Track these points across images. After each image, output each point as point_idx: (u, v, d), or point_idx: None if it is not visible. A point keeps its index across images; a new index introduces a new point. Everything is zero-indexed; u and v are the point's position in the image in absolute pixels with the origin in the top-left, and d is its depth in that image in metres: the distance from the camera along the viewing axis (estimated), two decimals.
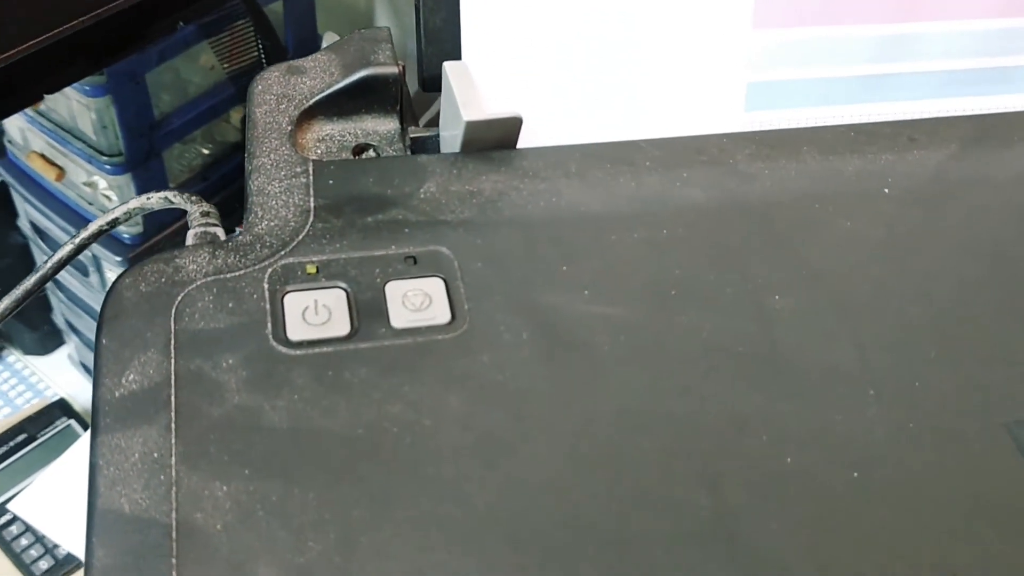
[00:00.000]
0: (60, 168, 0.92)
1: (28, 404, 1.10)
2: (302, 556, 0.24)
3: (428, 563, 0.25)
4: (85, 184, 0.91)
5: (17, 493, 0.90)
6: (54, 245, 0.97)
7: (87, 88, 0.82)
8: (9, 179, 0.98)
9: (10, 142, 0.98)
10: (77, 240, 0.38)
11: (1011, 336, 0.31)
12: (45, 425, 1.01)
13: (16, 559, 0.87)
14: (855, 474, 0.27)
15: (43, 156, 0.93)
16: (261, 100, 0.36)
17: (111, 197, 0.90)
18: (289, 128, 0.35)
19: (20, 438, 0.99)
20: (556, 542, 0.25)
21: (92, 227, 0.38)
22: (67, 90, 0.84)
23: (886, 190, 0.35)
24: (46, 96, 0.85)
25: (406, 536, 0.25)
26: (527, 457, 0.27)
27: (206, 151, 0.95)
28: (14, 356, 1.17)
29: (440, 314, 0.30)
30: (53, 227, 0.96)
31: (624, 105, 0.38)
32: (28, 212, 0.99)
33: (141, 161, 0.88)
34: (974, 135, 0.38)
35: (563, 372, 0.29)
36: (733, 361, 0.30)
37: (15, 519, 0.90)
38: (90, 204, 0.92)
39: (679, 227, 0.33)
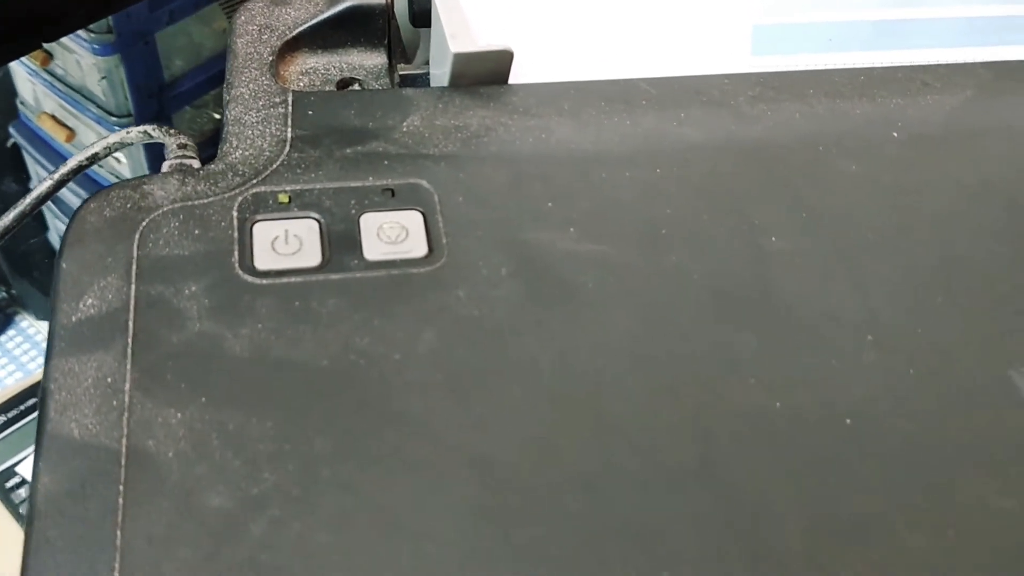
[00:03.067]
0: (70, 129, 0.92)
1: (40, 369, 1.11)
2: (256, 487, 0.23)
3: (392, 499, 0.23)
4: None
5: (27, 456, 0.90)
6: (64, 206, 0.96)
7: (96, 47, 0.81)
8: (20, 140, 0.98)
9: (22, 103, 0.97)
10: (56, 175, 0.37)
11: (1019, 284, 0.29)
12: None
13: (24, 521, 0.87)
14: (848, 421, 0.26)
15: (53, 117, 0.93)
16: (243, 31, 0.34)
17: (120, 159, 0.89)
18: (270, 59, 0.33)
19: (31, 402, 0.98)
20: (529, 483, 0.24)
21: (71, 162, 0.37)
22: (77, 49, 0.84)
23: (895, 134, 0.33)
24: (52, 53, 0.85)
25: (369, 471, 0.24)
26: (501, 396, 0.26)
27: (217, 116, 0.94)
28: (27, 321, 1.17)
29: (416, 247, 0.28)
30: (63, 188, 0.96)
31: (622, 43, 0.36)
32: (39, 173, 0.99)
33: (150, 123, 0.87)
34: (990, 82, 0.36)
35: (544, 310, 0.27)
36: (724, 302, 0.28)
37: (24, 482, 0.90)
38: (100, 166, 0.91)
39: (674, 167, 0.31)
